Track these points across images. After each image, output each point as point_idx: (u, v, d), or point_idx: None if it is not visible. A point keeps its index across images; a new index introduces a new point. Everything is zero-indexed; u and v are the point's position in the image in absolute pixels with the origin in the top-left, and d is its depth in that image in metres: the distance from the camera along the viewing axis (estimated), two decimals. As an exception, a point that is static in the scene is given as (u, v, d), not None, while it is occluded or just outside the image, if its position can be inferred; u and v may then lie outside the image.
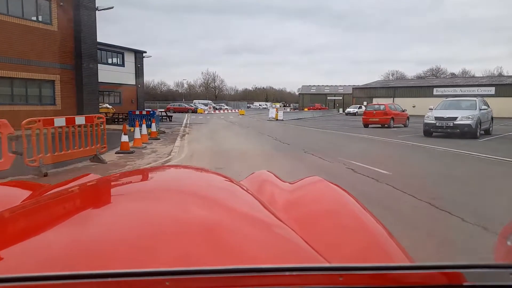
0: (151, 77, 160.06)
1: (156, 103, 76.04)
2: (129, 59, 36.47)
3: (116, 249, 0.74)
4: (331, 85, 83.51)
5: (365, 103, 58.32)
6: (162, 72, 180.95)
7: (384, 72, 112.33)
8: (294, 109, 74.51)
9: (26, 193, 1.33)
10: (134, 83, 37.08)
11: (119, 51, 35.51)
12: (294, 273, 0.59)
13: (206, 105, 64.84)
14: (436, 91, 52.68)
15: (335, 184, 1.38)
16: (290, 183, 1.50)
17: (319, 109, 64.78)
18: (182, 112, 53.74)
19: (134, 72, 37.00)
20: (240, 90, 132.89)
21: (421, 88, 54.88)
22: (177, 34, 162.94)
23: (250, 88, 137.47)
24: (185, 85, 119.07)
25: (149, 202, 1.00)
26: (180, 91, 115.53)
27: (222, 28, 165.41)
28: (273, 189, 1.40)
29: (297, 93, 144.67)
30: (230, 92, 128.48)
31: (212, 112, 58.41)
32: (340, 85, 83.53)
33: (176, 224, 0.87)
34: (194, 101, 76.99)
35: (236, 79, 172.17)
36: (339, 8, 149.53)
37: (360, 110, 54.27)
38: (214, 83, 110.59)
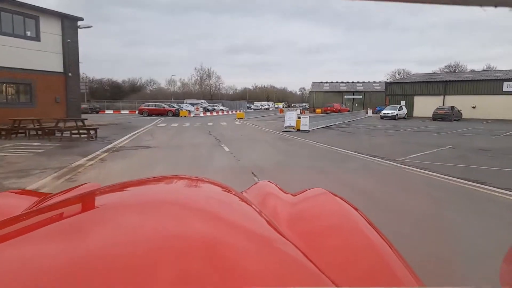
0: (139, 74, 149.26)
1: (135, 102, 60.95)
2: (51, 30, 21.29)
3: (111, 266, 0.70)
4: (348, 82, 68.37)
5: (403, 102, 43.26)
6: (162, 73, 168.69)
7: (390, 71, 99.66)
8: (304, 110, 59.70)
9: (28, 202, 1.33)
10: (61, 70, 21.95)
11: (28, 13, 20.33)
12: None
13: (194, 105, 49.73)
14: (507, 87, 37.57)
15: (340, 197, 1.32)
16: (292, 194, 1.45)
17: (339, 110, 49.67)
18: (159, 115, 38.68)
19: (60, 51, 21.86)
20: (239, 89, 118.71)
21: (484, 82, 39.69)
22: (176, 34, 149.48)
23: (250, 87, 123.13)
24: (178, 83, 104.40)
25: (147, 215, 0.93)
26: (172, 90, 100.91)
27: (222, 28, 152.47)
28: (276, 202, 1.36)
29: (298, 92, 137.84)
30: (229, 91, 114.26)
31: (202, 114, 43.29)
32: (358, 82, 68.41)
33: (174, 240, 0.81)
34: (185, 100, 62.21)
35: (236, 79, 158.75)
36: (341, 8, 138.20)
37: (401, 112, 39.27)
38: (210, 80, 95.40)
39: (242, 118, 35.96)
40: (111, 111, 56.66)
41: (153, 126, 23.11)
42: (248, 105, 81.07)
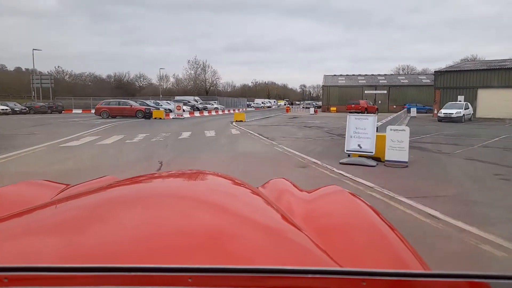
0: (127, 68, 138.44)
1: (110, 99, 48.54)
2: None
3: (132, 250, 0.72)
4: (367, 75, 56.06)
5: (461, 98, 31.06)
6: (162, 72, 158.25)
7: (394, 67, 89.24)
8: (316, 108, 47.73)
9: (50, 190, 1.38)
10: None
11: None
12: (318, 275, 0.56)
13: (185, 102, 37.50)
14: None
15: (354, 195, 1.30)
16: (308, 191, 1.43)
17: (366, 109, 37.55)
18: (125, 116, 26.53)
19: None
20: (238, 86, 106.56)
21: None
22: (177, 32, 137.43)
23: (250, 84, 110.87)
24: (172, 79, 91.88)
25: (166, 207, 0.95)
26: (165, 86, 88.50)
27: (222, 26, 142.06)
28: (291, 197, 1.34)
29: (298, 90, 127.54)
30: (227, 88, 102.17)
31: (187, 115, 31.05)
32: (380, 74, 56.13)
33: (194, 230, 0.82)
34: (176, 97, 50.42)
35: (235, 77, 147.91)
36: (340, 6, 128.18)
37: (467, 111, 27.11)
38: (205, 74, 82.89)
39: (241, 121, 23.80)
40: (80, 110, 44.54)
41: (55, 144, 10.77)
42: (248, 102, 68.96)
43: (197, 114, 34.04)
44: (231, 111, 40.04)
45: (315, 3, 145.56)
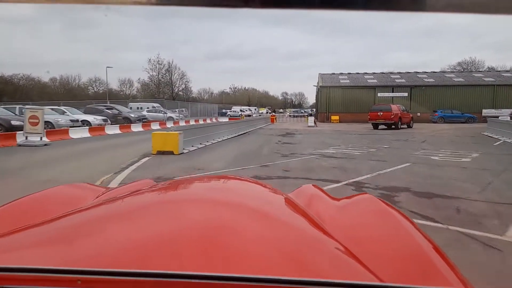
0: (86, 71, 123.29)
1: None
2: None
3: (167, 248, 0.72)
4: (376, 73, 41.82)
5: None
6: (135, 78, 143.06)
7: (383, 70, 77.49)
8: (310, 116, 33.15)
9: (91, 194, 1.40)
10: None
11: None
12: None
13: (101, 109, 21.96)
14: None
15: (388, 204, 1.25)
16: (338, 199, 1.40)
17: (400, 118, 23.14)
18: None
19: None
20: (216, 93, 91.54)
21: None
22: (155, 39, 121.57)
23: (228, 90, 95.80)
24: (136, 84, 75.59)
25: (195, 210, 0.94)
26: (129, 92, 72.57)
27: (202, 34, 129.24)
28: (322, 205, 1.30)
29: (280, 97, 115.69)
30: (203, 94, 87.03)
31: (84, 134, 15.61)
32: (393, 72, 42.05)
33: (223, 233, 0.80)
34: (130, 104, 35.44)
35: (214, 84, 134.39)
36: (320, 14, 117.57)
37: None
38: (171, 77, 67.06)
39: (172, 155, 8.57)
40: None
41: None
42: (224, 110, 53.66)
43: (115, 130, 18.51)
44: (195, 122, 24.73)
45: (294, 12, 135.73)
